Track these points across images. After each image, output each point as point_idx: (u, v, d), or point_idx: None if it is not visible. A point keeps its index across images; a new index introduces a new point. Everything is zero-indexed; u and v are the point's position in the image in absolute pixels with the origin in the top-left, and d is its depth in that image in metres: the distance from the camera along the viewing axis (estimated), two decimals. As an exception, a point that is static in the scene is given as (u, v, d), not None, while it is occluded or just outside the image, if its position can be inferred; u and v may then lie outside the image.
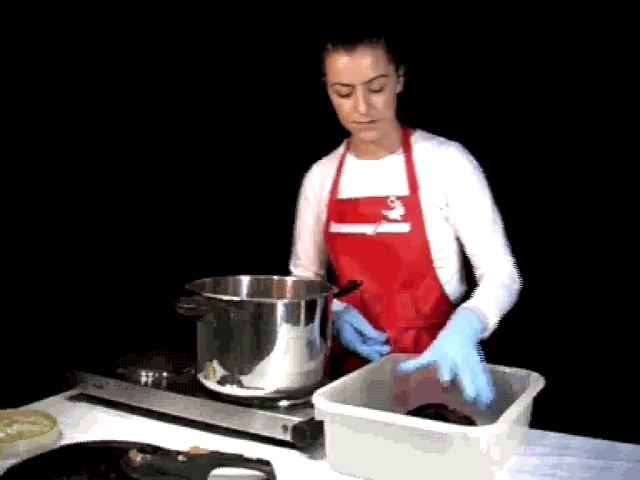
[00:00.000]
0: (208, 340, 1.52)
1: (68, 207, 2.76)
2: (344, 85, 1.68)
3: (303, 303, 1.51)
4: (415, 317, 1.82)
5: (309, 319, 1.50)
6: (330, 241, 1.89)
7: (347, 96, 1.69)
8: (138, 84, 2.84)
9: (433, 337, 1.78)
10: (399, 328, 1.82)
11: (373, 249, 1.81)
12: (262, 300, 1.55)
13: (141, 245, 2.85)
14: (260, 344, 1.47)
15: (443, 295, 1.82)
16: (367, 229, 1.81)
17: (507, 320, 1.73)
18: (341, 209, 1.87)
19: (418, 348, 1.80)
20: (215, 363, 1.50)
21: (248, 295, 1.73)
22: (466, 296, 1.85)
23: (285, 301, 1.53)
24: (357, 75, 1.66)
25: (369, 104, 1.68)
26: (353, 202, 1.85)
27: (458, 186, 1.77)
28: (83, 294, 2.75)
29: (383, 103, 1.71)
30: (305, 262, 2.01)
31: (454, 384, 1.38)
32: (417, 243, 1.77)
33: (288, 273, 2.02)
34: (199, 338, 1.54)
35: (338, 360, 1.74)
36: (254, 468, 1.25)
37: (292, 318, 1.48)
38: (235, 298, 1.54)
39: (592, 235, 2.51)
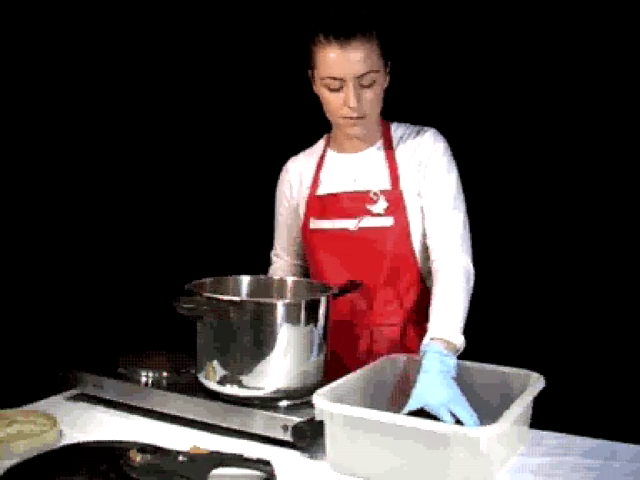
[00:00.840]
0: (208, 340, 1.52)
1: (68, 207, 2.76)
2: (335, 79, 1.68)
3: (303, 303, 1.51)
4: (399, 312, 1.82)
5: (309, 319, 1.50)
6: (309, 238, 1.87)
7: (337, 90, 1.69)
8: (138, 85, 2.84)
9: (418, 331, 1.80)
10: (385, 324, 1.82)
11: (355, 244, 1.79)
12: (262, 300, 1.55)
13: (141, 245, 2.85)
14: (260, 344, 1.47)
15: (426, 289, 1.82)
16: (349, 224, 1.80)
17: (507, 320, 1.73)
18: (321, 205, 1.86)
19: (405, 341, 1.82)
20: (215, 363, 1.50)
21: (248, 295, 1.72)
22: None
23: (285, 301, 1.53)
24: (349, 69, 1.65)
25: (359, 99, 1.68)
26: (334, 197, 1.84)
27: (428, 167, 1.77)
28: (83, 294, 2.75)
29: (373, 98, 1.71)
30: (280, 252, 2.01)
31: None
32: (400, 236, 1.76)
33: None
34: (199, 338, 1.54)
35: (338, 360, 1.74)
36: (254, 468, 1.25)
37: (292, 318, 1.48)
38: (235, 298, 1.54)
39: (592, 235, 2.51)
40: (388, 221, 1.77)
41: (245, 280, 1.74)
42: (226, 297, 1.50)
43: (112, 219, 2.84)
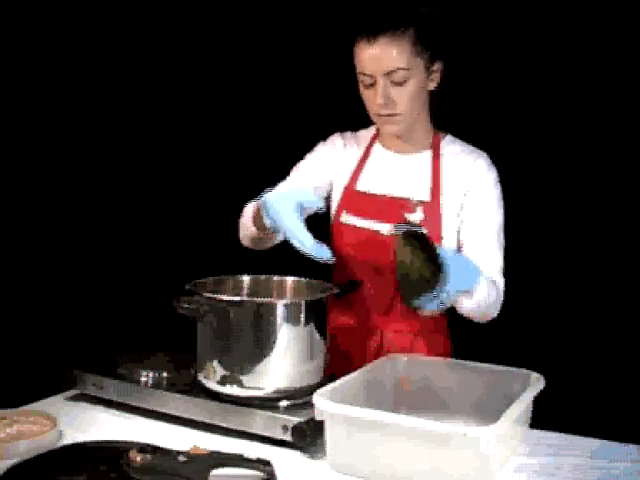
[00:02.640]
0: (208, 340, 1.52)
1: (68, 208, 2.76)
2: (366, 75, 1.68)
3: (303, 303, 1.51)
4: (413, 322, 1.80)
5: (309, 319, 1.50)
6: (338, 230, 1.84)
7: (371, 86, 1.69)
8: (140, 85, 2.84)
9: (429, 343, 1.80)
10: (396, 331, 1.81)
11: (385, 249, 1.75)
12: (262, 300, 1.55)
13: (141, 245, 2.85)
14: (260, 344, 1.47)
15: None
16: (383, 227, 1.78)
17: (507, 320, 1.73)
18: (358, 201, 1.83)
19: (414, 351, 1.80)
20: (215, 363, 1.50)
21: (248, 295, 1.72)
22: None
23: (285, 301, 1.53)
24: (377, 66, 1.65)
25: (388, 96, 1.67)
26: (373, 197, 1.81)
27: (476, 197, 1.75)
28: (83, 294, 2.75)
29: (404, 97, 1.68)
30: None
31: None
32: None
33: (287, 272, 2.01)
34: (199, 338, 1.54)
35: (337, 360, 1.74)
36: (254, 468, 1.25)
37: (292, 318, 1.48)
38: (235, 298, 1.54)
39: (592, 236, 2.51)
40: None
41: (245, 280, 1.74)
42: (226, 297, 1.50)
43: (112, 219, 2.84)
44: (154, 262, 2.85)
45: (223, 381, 1.49)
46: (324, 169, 1.88)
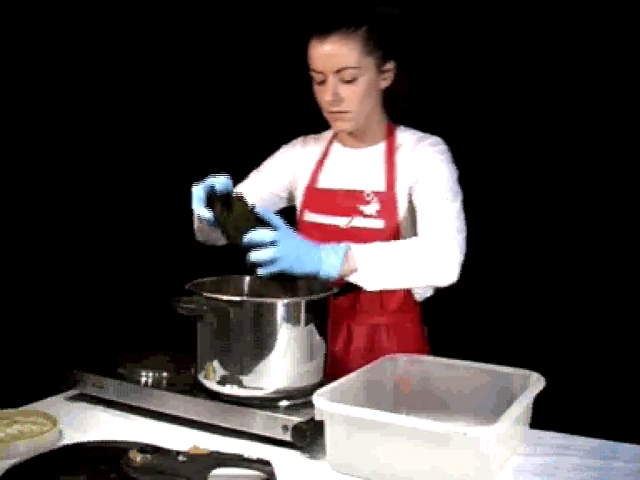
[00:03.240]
0: (208, 340, 1.51)
1: (68, 208, 2.77)
2: (318, 72, 1.70)
3: (303, 303, 1.51)
4: (380, 314, 1.82)
5: (309, 319, 1.50)
6: (303, 229, 1.87)
7: (322, 84, 1.71)
8: (140, 86, 2.84)
9: (397, 335, 1.82)
10: (362, 323, 1.82)
11: (343, 241, 1.78)
12: (262, 300, 1.55)
13: (141, 245, 2.85)
14: (260, 344, 1.47)
15: (409, 293, 1.82)
16: (341, 222, 1.81)
17: (507, 320, 1.73)
18: (318, 199, 1.87)
19: (382, 343, 1.81)
20: (215, 363, 1.50)
21: (248, 295, 1.72)
22: (432, 297, 1.86)
23: (285, 301, 1.53)
24: (327, 64, 1.68)
25: (337, 94, 1.70)
26: (330, 193, 1.85)
27: (423, 169, 1.75)
28: (83, 294, 2.76)
29: (353, 95, 1.71)
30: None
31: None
32: (390, 239, 1.74)
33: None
34: (199, 338, 1.54)
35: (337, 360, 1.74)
36: (254, 468, 1.25)
37: (292, 318, 1.48)
38: (235, 298, 1.54)
39: (592, 235, 2.51)
40: (379, 223, 1.77)
41: (245, 280, 1.74)
42: (226, 297, 1.50)
43: (112, 219, 2.84)
44: (154, 262, 2.85)
45: (223, 381, 1.49)
46: (283, 170, 1.94)
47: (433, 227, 1.67)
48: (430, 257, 1.62)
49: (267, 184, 1.94)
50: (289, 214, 1.86)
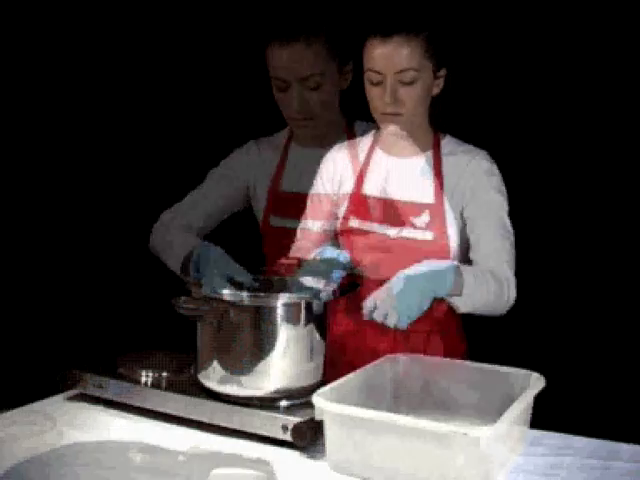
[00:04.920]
0: (208, 340, 1.52)
1: (68, 208, 2.77)
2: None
3: (303, 303, 1.51)
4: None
5: (309, 319, 1.50)
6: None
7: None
8: (140, 86, 2.84)
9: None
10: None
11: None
12: (262, 300, 1.55)
13: (141, 245, 2.85)
14: (260, 344, 1.47)
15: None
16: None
17: (507, 320, 1.73)
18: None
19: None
20: (215, 363, 1.50)
21: (248, 295, 1.72)
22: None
23: (285, 301, 1.53)
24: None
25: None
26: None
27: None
28: (83, 294, 2.76)
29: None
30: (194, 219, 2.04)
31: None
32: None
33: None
34: (199, 338, 1.54)
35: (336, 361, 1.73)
36: (254, 468, 1.25)
37: (292, 318, 1.48)
38: (235, 298, 1.54)
39: (592, 235, 2.51)
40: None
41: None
42: (226, 297, 1.50)
43: (112, 220, 2.84)
44: (154, 262, 2.85)
45: (223, 381, 1.49)
46: (238, 175, 1.93)
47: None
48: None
49: (221, 190, 1.96)
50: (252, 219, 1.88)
